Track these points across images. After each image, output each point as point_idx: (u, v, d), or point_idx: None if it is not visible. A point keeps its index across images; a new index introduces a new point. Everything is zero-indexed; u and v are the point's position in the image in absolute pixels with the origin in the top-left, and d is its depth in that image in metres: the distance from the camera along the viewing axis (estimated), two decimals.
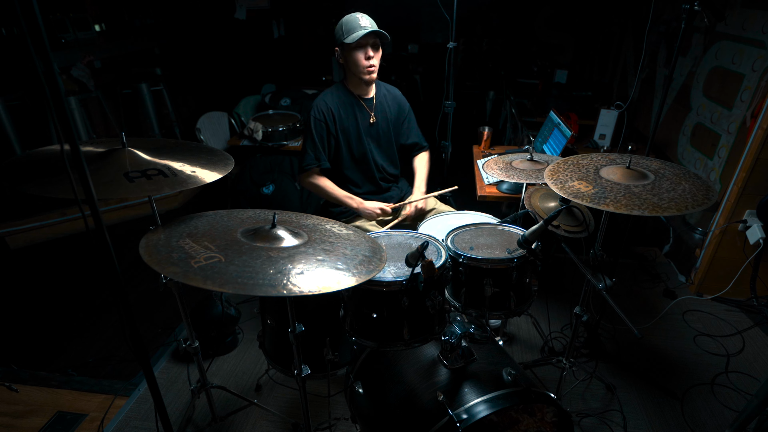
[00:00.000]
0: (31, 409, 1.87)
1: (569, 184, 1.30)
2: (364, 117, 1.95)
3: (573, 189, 1.27)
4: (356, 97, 1.94)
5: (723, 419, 1.83)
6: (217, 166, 1.28)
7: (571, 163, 1.44)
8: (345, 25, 1.78)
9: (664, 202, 1.20)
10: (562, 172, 1.38)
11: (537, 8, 4.95)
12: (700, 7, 1.62)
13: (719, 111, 2.48)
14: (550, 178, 1.35)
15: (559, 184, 1.30)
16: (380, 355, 1.46)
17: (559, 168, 1.41)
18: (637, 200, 1.20)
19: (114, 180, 1.10)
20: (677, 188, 1.26)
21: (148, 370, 1.12)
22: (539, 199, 1.76)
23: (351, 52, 1.80)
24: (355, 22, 1.77)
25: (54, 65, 0.77)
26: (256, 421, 1.82)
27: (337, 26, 1.81)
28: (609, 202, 1.20)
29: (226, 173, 1.26)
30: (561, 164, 1.43)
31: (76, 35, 3.78)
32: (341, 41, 1.78)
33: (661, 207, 1.18)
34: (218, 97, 3.90)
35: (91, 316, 2.46)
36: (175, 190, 1.15)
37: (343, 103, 1.92)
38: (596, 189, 1.26)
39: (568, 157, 1.50)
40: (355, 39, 1.74)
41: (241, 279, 0.94)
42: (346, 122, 1.92)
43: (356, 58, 1.80)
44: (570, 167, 1.41)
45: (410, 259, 1.14)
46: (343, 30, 1.78)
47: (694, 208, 1.18)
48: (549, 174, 1.37)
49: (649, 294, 2.59)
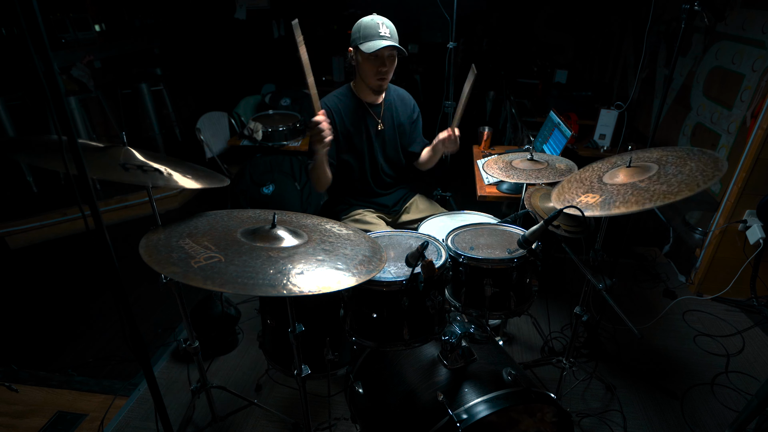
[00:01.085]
0: (31, 409, 1.87)
1: (577, 201, 1.29)
2: (372, 124, 1.91)
3: (582, 204, 1.27)
4: (364, 104, 1.88)
5: (723, 419, 1.83)
6: (212, 181, 1.30)
7: (575, 180, 1.44)
8: (363, 29, 1.70)
9: (674, 187, 1.17)
10: (567, 191, 1.38)
11: (537, 8, 4.94)
12: (700, 7, 1.63)
13: (719, 111, 2.48)
14: (557, 201, 1.35)
15: (568, 203, 1.30)
16: (380, 355, 1.46)
17: (564, 189, 1.41)
18: (646, 194, 1.18)
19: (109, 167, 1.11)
20: (684, 170, 1.23)
21: (148, 370, 1.12)
22: (539, 199, 1.76)
23: (365, 60, 1.73)
24: (374, 29, 1.70)
25: (54, 65, 0.77)
26: (256, 421, 1.82)
27: (355, 27, 1.73)
28: (619, 204, 1.19)
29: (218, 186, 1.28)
30: (565, 185, 1.44)
31: (76, 35, 3.77)
32: (356, 44, 1.72)
33: (673, 193, 1.14)
34: (218, 97, 3.90)
35: (91, 316, 2.46)
36: (169, 186, 1.15)
37: (349, 109, 1.86)
38: (603, 196, 1.25)
39: (570, 176, 1.51)
40: (371, 50, 1.67)
41: (241, 279, 0.94)
42: (349, 126, 1.87)
43: (369, 67, 1.74)
44: (574, 185, 1.40)
45: (410, 259, 1.14)
46: (361, 34, 1.70)
47: (707, 183, 1.14)
48: (556, 197, 1.38)
49: (649, 294, 2.59)
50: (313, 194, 3.16)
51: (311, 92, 1.52)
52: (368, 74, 1.76)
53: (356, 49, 1.74)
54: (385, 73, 1.76)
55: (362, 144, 1.92)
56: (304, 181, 3.14)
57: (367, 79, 1.79)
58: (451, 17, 2.45)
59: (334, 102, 1.85)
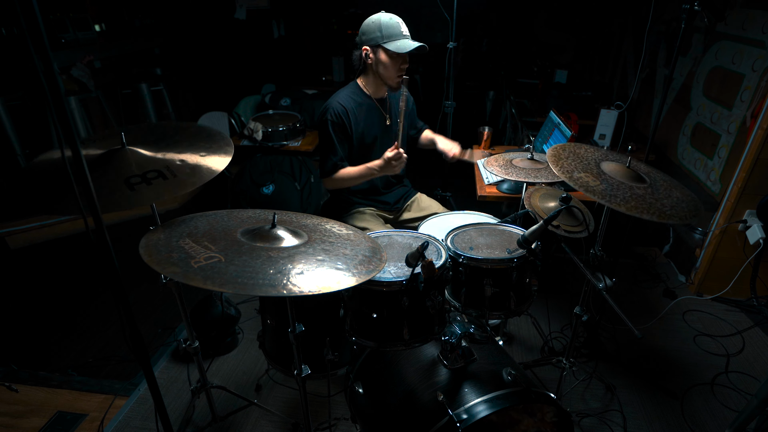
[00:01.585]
0: (31, 409, 1.87)
1: (576, 175, 1.27)
2: (380, 119, 1.93)
3: (582, 181, 1.25)
4: (372, 99, 1.90)
5: (723, 419, 1.83)
6: (217, 154, 1.27)
7: (570, 151, 1.42)
8: (385, 28, 1.72)
9: (666, 208, 1.18)
10: (565, 159, 1.36)
11: (537, 8, 4.94)
12: (700, 7, 1.63)
13: (719, 111, 2.48)
14: (555, 165, 1.32)
15: (567, 173, 1.28)
16: (380, 355, 1.46)
17: (560, 155, 1.38)
18: (643, 203, 1.19)
19: (116, 190, 1.10)
20: (671, 195, 1.25)
21: (148, 370, 1.12)
22: (539, 199, 1.76)
23: (390, 59, 1.75)
24: (396, 28, 1.73)
25: (54, 65, 0.77)
26: (256, 421, 1.82)
27: (371, 25, 1.74)
28: (620, 202, 1.19)
29: (226, 162, 1.25)
30: (560, 150, 1.41)
31: (76, 35, 3.77)
32: (378, 44, 1.73)
33: (665, 214, 1.16)
34: (218, 97, 3.90)
35: (92, 316, 2.46)
36: (175, 193, 1.14)
37: (359, 105, 1.87)
38: (604, 185, 1.25)
39: (564, 144, 1.49)
40: (403, 49, 1.70)
41: (241, 279, 0.94)
42: (362, 125, 1.88)
43: (393, 64, 1.76)
44: (570, 155, 1.39)
45: (410, 259, 1.14)
46: (383, 33, 1.72)
47: (689, 219, 1.18)
48: (552, 160, 1.35)
49: (649, 294, 2.59)
50: (313, 194, 3.16)
51: (399, 132, 1.67)
52: (391, 72, 1.79)
53: (377, 48, 1.75)
54: (404, 70, 1.80)
55: (372, 141, 1.93)
56: (304, 181, 3.14)
57: (388, 77, 1.81)
58: (451, 17, 2.45)
59: (349, 102, 1.85)
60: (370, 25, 1.76)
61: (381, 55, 1.76)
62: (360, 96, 1.89)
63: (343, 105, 1.83)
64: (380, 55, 1.76)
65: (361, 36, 1.78)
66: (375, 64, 1.80)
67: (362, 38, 1.78)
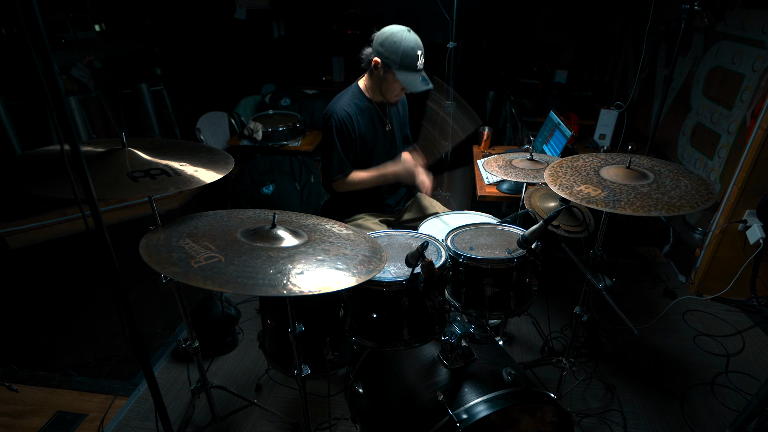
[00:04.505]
0: (31, 409, 1.87)
1: (577, 189, 1.28)
2: (381, 125, 1.93)
3: (583, 194, 1.25)
4: (374, 104, 1.90)
5: (723, 419, 1.83)
6: (218, 165, 1.28)
7: (568, 166, 1.42)
8: (403, 57, 1.69)
9: (675, 200, 1.18)
10: (563, 176, 1.36)
11: (537, 8, 4.94)
12: (700, 7, 1.63)
13: (719, 111, 2.48)
14: (554, 184, 1.31)
15: (567, 190, 1.27)
16: (380, 355, 1.46)
17: (558, 172, 1.38)
18: (649, 200, 1.19)
19: (117, 180, 1.10)
20: (680, 184, 1.24)
21: (148, 370, 1.12)
22: (539, 199, 1.76)
23: (395, 82, 1.75)
24: (413, 59, 1.70)
25: (54, 65, 0.77)
26: (256, 421, 1.82)
27: (393, 45, 1.69)
28: (625, 204, 1.18)
29: (226, 173, 1.26)
30: (557, 168, 1.41)
31: (76, 35, 3.77)
32: (391, 67, 1.71)
33: (675, 206, 1.15)
34: (218, 97, 3.90)
35: (91, 316, 2.46)
36: (180, 189, 1.15)
37: (361, 110, 1.87)
38: (606, 192, 1.25)
39: (561, 159, 1.49)
40: (410, 89, 1.74)
41: (241, 279, 0.94)
42: (364, 129, 1.88)
43: (396, 87, 1.78)
44: (568, 171, 1.39)
45: (410, 259, 1.14)
46: (400, 60, 1.69)
47: (702, 204, 1.16)
48: (551, 179, 1.34)
49: (649, 294, 2.59)
50: (313, 194, 3.17)
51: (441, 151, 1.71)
52: (392, 93, 1.82)
53: (389, 69, 1.73)
54: (404, 93, 1.84)
55: (374, 146, 1.93)
56: (304, 181, 3.15)
57: (388, 95, 1.84)
58: (451, 17, 2.45)
59: (352, 107, 1.85)
60: (392, 42, 1.70)
61: (390, 75, 1.74)
62: (362, 100, 1.88)
63: (347, 111, 1.82)
64: (389, 75, 1.75)
65: (378, 45, 1.72)
66: (381, 77, 1.78)
67: (379, 49, 1.72)
